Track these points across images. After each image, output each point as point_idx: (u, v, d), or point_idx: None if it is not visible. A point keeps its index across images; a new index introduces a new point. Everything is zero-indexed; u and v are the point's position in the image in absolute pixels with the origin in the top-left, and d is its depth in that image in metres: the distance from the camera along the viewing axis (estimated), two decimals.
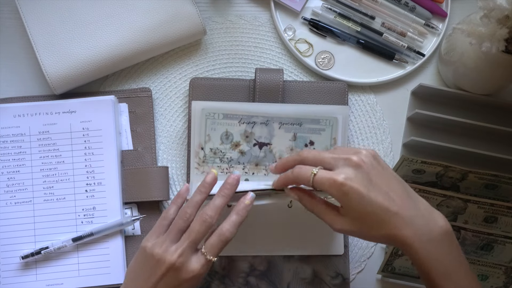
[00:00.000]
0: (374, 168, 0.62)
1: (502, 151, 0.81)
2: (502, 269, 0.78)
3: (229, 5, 0.87)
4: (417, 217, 0.61)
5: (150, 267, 0.65)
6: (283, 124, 0.79)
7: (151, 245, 0.66)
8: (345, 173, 0.61)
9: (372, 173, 0.62)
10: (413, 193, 0.64)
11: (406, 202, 0.62)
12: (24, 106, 0.80)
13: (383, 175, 0.63)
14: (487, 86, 0.82)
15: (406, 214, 0.61)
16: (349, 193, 0.61)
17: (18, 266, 0.77)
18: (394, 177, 0.64)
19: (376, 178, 0.62)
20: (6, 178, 0.78)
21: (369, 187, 0.61)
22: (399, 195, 0.62)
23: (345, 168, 0.62)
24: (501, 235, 0.76)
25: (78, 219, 0.78)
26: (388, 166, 0.65)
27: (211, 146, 0.78)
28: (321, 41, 0.86)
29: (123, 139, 0.82)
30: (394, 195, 0.61)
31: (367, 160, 0.62)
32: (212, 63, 0.85)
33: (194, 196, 0.68)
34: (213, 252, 0.65)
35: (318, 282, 0.78)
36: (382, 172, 0.63)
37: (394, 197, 0.61)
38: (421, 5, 0.86)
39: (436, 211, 0.63)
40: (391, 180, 0.63)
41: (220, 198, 0.68)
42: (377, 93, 0.86)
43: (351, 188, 0.60)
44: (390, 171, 0.64)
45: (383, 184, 0.62)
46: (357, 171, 0.61)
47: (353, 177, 0.61)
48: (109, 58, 0.80)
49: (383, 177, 0.62)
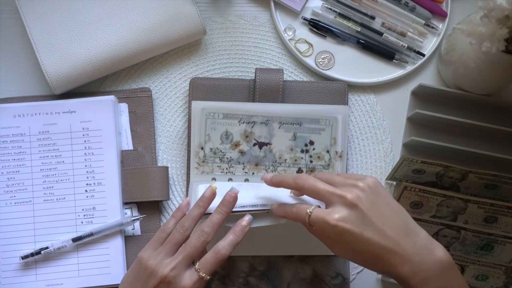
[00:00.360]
0: (371, 203, 0.62)
1: (502, 151, 0.81)
2: (502, 269, 0.78)
3: (229, 5, 0.87)
4: (414, 254, 0.60)
5: (144, 279, 0.65)
6: (283, 123, 0.79)
7: (147, 256, 0.66)
8: (339, 212, 0.61)
9: (368, 210, 0.61)
10: (412, 225, 0.63)
11: (403, 238, 0.61)
12: (24, 106, 0.80)
13: (381, 210, 0.62)
14: (487, 86, 0.82)
15: (402, 251, 0.60)
16: (342, 234, 0.60)
17: (18, 266, 0.77)
18: (393, 210, 0.63)
19: (372, 215, 0.61)
20: (6, 178, 0.78)
21: (363, 226, 0.60)
22: (396, 231, 0.61)
23: (339, 207, 0.61)
24: (501, 235, 0.76)
25: (78, 219, 0.78)
26: (389, 195, 0.64)
27: (211, 146, 0.78)
28: (321, 41, 0.86)
29: (123, 139, 0.82)
30: (390, 231, 0.61)
31: (364, 196, 0.62)
32: (212, 63, 0.85)
33: (192, 210, 0.68)
34: (206, 269, 0.65)
35: (318, 282, 0.78)
36: (380, 207, 0.62)
37: (390, 234, 0.60)
38: (421, 5, 0.86)
39: (435, 243, 0.62)
40: (389, 215, 0.62)
41: (217, 215, 0.67)
42: (377, 93, 0.86)
43: (344, 229, 0.60)
44: (390, 202, 0.63)
45: (379, 221, 0.61)
46: (351, 211, 0.61)
47: (346, 217, 0.60)
48: (109, 58, 0.80)
49: (380, 212, 0.62)
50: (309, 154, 0.79)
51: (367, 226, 0.60)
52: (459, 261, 0.78)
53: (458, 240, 0.77)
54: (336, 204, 0.62)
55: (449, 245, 0.78)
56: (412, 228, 0.62)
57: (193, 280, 0.65)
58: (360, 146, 0.84)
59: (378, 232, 0.60)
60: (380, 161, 0.84)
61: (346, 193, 0.62)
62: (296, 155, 0.79)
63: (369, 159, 0.84)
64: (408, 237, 0.61)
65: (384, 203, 0.63)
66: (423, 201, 0.78)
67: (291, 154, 0.79)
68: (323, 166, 0.79)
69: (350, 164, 0.84)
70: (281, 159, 0.79)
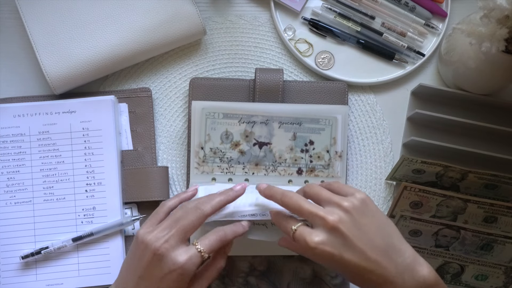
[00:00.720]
0: (353, 225, 0.61)
1: (502, 151, 0.81)
2: (502, 269, 0.78)
3: (229, 5, 0.87)
4: (396, 274, 0.60)
5: (139, 254, 0.64)
6: (283, 123, 0.79)
7: (143, 232, 0.65)
8: (319, 235, 0.60)
9: (349, 232, 0.60)
10: (398, 243, 0.62)
11: (385, 259, 0.60)
12: (24, 106, 0.80)
13: (364, 231, 0.61)
14: (487, 86, 0.82)
15: (384, 272, 0.60)
16: (321, 255, 0.60)
17: (18, 266, 0.77)
18: (378, 229, 0.62)
19: (354, 237, 0.60)
20: (6, 178, 0.78)
21: (343, 248, 0.60)
22: (378, 252, 0.60)
23: (320, 229, 0.61)
24: (501, 235, 0.76)
25: (78, 219, 0.78)
26: (377, 211, 0.63)
27: (211, 146, 0.78)
28: (321, 41, 0.86)
29: (123, 139, 0.82)
30: (372, 252, 0.60)
31: (347, 218, 0.61)
32: (212, 63, 0.85)
33: (202, 198, 0.68)
34: (205, 244, 0.64)
35: (318, 282, 0.78)
36: (363, 227, 0.61)
37: (371, 255, 0.60)
38: (421, 5, 0.86)
39: (420, 261, 0.61)
40: (373, 235, 0.61)
41: (221, 196, 0.67)
42: (377, 93, 0.86)
43: (323, 251, 0.60)
44: (376, 220, 0.62)
45: (361, 242, 0.60)
46: (331, 234, 0.60)
47: (326, 241, 0.60)
48: (109, 58, 0.80)
49: (362, 233, 0.61)
50: (309, 154, 0.79)
51: (347, 248, 0.60)
52: (458, 261, 0.78)
53: (458, 240, 0.77)
54: (318, 226, 0.61)
55: (449, 245, 0.78)
56: (397, 247, 0.61)
57: (189, 255, 0.63)
58: (360, 146, 0.84)
59: (359, 253, 0.60)
60: (380, 161, 0.84)
61: (327, 215, 0.61)
62: (296, 155, 0.79)
63: (369, 159, 0.84)
64: (390, 257, 0.60)
65: (369, 222, 0.62)
66: (423, 201, 0.78)
67: (291, 154, 0.79)
68: (323, 166, 0.79)
69: (350, 164, 0.84)
70: (281, 159, 0.79)
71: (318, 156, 0.79)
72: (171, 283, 0.62)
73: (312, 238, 0.60)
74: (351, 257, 0.60)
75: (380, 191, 0.84)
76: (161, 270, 0.62)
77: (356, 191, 0.64)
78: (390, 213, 0.80)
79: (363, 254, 0.60)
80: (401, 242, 0.62)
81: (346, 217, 0.61)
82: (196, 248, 0.64)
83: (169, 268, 0.62)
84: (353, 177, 0.84)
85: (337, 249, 0.60)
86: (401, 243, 0.62)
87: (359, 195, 0.63)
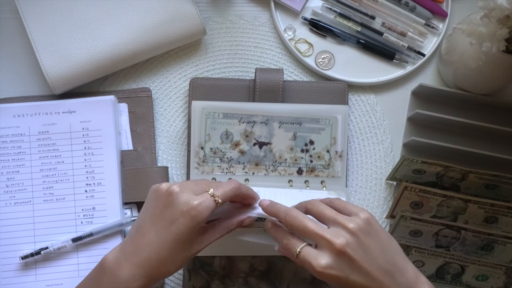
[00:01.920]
0: (360, 247, 0.61)
1: (502, 151, 0.81)
2: (503, 269, 0.78)
3: (229, 5, 0.87)
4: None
5: (154, 197, 0.63)
6: (283, 123, 0.79)
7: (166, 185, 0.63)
8: (325, 259, 0.60)
9: (356, 255, 0.60)
10: (401, 261, 0.62)
11: (388, 279, 0.60)
12: (24, 106, 0.80)
13: (369, 252, 0.61)
14: (487, 86, 0.82)
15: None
16: (328, 278, 0.60)
17: (18, 266, 0.76)
18: (382, 249, 0.62)
19: (360, 259, 0.60)
20: (6, 178, 0.78)
21: (349, 271, 0.60)
22: (381, 272, 0.60)
23: (326, 253, 0.60)
24: (502, 235, 0.76)
25: (77, 219, 0.78)
26: (380, 230, 0.63)
27: (211, 146, 0.78)
28: (321, 41, 0.86)
29: (123, 139, 0.82)
30: (376, 272, 0.60)
31: (353, 240, 0.60)
32: (212, 63, 0.85)
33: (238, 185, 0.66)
34: (220, 191, 0.63)
35: (318, 282, 0.78)
36: (368, 248, 0.61)
37: (375, 275, 0.60)
38: (422, 5, 0.86)
39: (422, 280, 0.62)
40: (378, 255, 0.61)
41: (243, 190, 0.66)
42: (377, 93, 0.86)
43: (330, 275, 0.60)
44: (381, 239, 0.62)
45: (366, 263, 0.60)
46: (339, 258, 0.60)
47: (333, 265, 0.60)
48: (109, 58, 0.80)
49: (368, 254, 0.61)
50: (309, 154, 0.79)
51: (354, 270, 0.60)
52: (459, 261, 0.78)
53: (458, 240, 0.77)
54: (324, 249, 0.60)
55: (449, 245, 0.78)
56: (399, 266, 0.62)
57: (202, 198, 0.61)
58: (360, 146, 0.84)
59: (365, 275, 0.60)
60: (380, 161, 0.84)
61: (334, 239, 0.60)
62: (296, 154, 0.79)
63: (369, 159, 0.84)
64: (394, 277, 0.61)
65: (374, 242, 0.62)
66: (423, 201, 0.78)
67: (291, 153, 0.79)
68: (323, 166, 0.79)
69: (350, 164, 0.84)
70: (281, 158, 0.79)
71: (318, 156, 0.79)
72: (183, 226, 0.61)
73: (319, 262, 0.60)
74: (357, 279, 0.60)
75: (380, 191, 0.83)
76: (174, 211, 0.61)
77: (360, 210, 0.63)
78: (391, 214, 0.80)
79: (369, 275, 0.60)
80: (403, 261, 0.63)
81: (352, 240, 0.60)
82: (209, 193, 0.62)
83: (182, 210, 0.61)
84: (353, 177, 0.84)
85: (344, 272, 0.60)
86: (404, 261, 0.62)
87: (363, 215, 0.63)
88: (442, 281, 0.78)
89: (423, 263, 0.77)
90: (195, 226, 0.61)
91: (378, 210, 0.83)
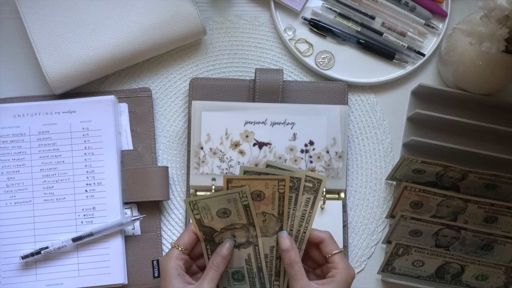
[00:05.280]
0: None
1: (502, 151, 0.81)
2: (502, 269, 0.77)
3: (229, 5, 0.87)
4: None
5: None
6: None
7: None
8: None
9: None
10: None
11: None
12: (24, 106, 0.80)
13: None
14: (487, 86, 0.82)
15: None
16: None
17: (18, 266, 0.77)
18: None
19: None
20: (6, 178, 0.78)
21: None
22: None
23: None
24: (501, 235, 0.76)
25: (78, 219, 0.78)
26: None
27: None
28: (321, 41, 0.86)
29: (123, 139, 0.82)
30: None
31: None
32: (212, 63, 0.85)
33: None
34: (179, 238, 0.66)
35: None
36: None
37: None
38: (421, 5, 0.86)
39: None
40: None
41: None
42: (377, 93, 0.86)
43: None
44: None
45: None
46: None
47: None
48: (109, 58, 0.80)
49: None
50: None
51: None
52: (459, 261, 0.78)
53: (458, 240, 0.77)
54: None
55: (449, 245, 0.78)
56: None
57: (166, 252, 0.66)
58: (360, 146, 0.84)
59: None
60: (380, 161, 0.84)
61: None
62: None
63: (369, 159, 0.84)
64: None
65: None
66: (423, 201, 0.78)
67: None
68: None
69: (350, 164, 0.84)
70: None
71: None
72: (163, 282, 0.65)
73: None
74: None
75: (380, 191, 0.84)
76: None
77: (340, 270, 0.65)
78: (390, 213, 0.80)
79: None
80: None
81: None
82: (171, 245, 0.67)
83: None
84: (353, 177, 0.84)
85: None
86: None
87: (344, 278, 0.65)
88: (442, 281, 0.78)
89: (422, 263, 0.77)
90: (171, 277, 0.64)
91: (378, 210, 0.83)
